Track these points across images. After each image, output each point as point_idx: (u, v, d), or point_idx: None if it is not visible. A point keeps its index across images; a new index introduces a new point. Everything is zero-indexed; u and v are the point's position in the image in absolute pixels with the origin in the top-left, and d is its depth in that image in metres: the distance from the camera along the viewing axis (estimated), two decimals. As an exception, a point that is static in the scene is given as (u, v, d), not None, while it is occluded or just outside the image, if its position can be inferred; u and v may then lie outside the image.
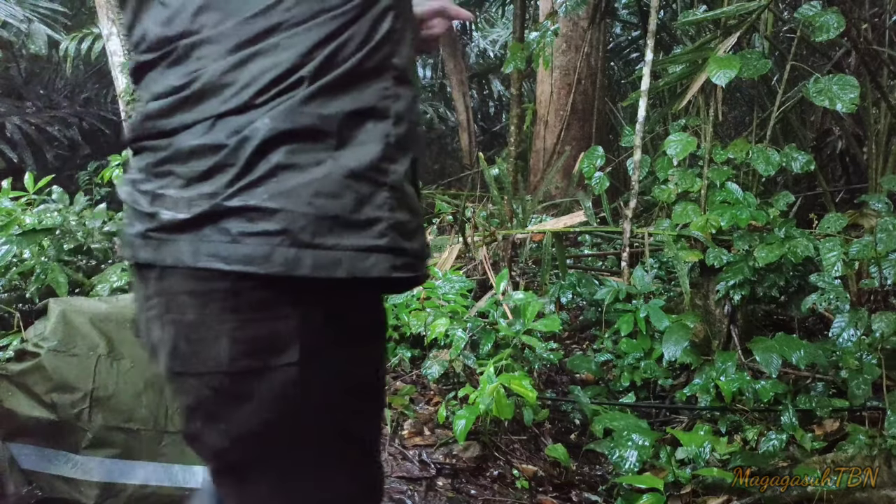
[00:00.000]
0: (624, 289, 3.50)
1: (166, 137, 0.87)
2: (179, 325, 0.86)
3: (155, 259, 0.86)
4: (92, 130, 7.55)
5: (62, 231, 3.65)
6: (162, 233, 0.85)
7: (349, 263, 0.83)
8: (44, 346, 1.97)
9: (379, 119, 0.87)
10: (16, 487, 1.86)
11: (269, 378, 0.85)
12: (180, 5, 0.86)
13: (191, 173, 0.84)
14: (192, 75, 0.85)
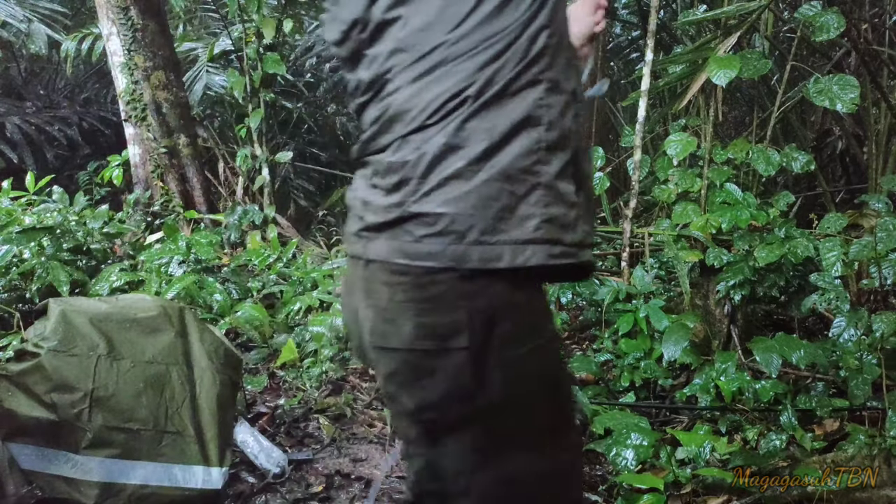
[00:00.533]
0: (624, 289, 3.49)
1: (374, 156, 1.10)
2: (377, 309, 1.06)
3: (362, 253, 1.09)
4: (92, 130, 7.54)
5: (62, 231, 3.65)
6: (368, 232, 1.07)
7: (510, 255, 0.97)
8: (44, 346, 1.97)
9: (533, 127, 1.01)
10: (16, 487, 1.86)
11: (445, 358, 1.00)
12: (377, 52, 1.07)
13: (387, 185, 1.05)
14: (385, 106, 1.06)
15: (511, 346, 1.01)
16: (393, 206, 1.02)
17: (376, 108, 1.08)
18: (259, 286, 3.81)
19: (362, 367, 3.25)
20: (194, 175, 5.11)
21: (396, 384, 1.08)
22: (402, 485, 2.40)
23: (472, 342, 0.99)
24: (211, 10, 8.25)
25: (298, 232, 5.65)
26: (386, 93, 1.06)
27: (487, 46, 0.99)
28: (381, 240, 1.04)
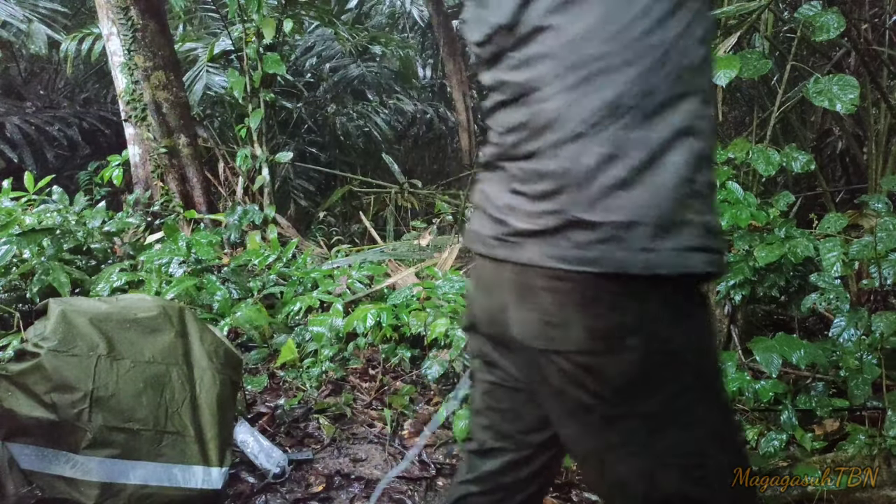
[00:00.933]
0: (624, 289, 3.49)
1: (516, 162, 1.13)
2: (541, 313, 1.09)
3: (509, 257, 1.12)
4: (92, 130, 7.55)
5: (62, 231, 3.65)
6: (515, 237, 1.11)
7: (671, 262, 1.01)
8: (44, 346, 1.97)
9: (691, 137, 1.03)
10: (16, 487, 1.86)
11: (616, 357, 1.05)
12: (524, 56, 1.09)
13: (537, 192, 1.08)
14: (534, 113, 1.08)
15: (675, 342, 1.08)
16: (547, 213, 1.05)
17: (520, 112, 1.11)
18: (259, 286, 3.82)
19: (362, 366, 3.25)
20: (194, 175, 5.11)
21: (565, 382, 1.11)
22: (402, 485, 2.40)
23: (641, 341, 1.05)
24: (211, 10, 8.25)
25: (298, 232, 5.65)
26: (534, 99, 1.08)
27: (648, 57, 1.02)
28: (535, 245, 1.07)
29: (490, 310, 1.22)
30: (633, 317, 1.04)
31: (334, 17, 8.29)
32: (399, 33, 11.64)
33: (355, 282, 3.80)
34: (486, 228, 1.18)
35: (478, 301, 1.27)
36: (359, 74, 8.62)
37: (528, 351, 1.15)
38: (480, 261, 1.24)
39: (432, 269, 3.70)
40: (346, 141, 8.15)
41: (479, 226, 1.22)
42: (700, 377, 1.13)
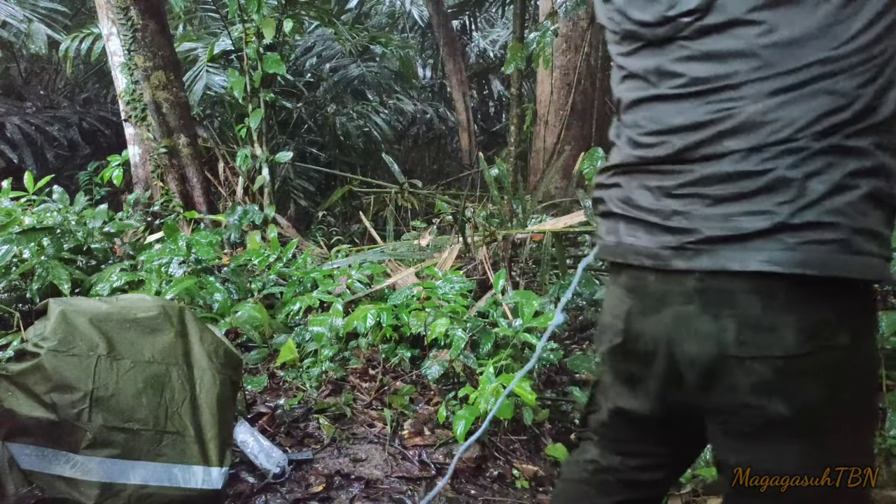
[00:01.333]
0: (624, 289, 3.49)
1: (687, 164, 1.09)
2: (739, 318, 1.06)
3: (692, 266, 1.09)
4: (92, 130, 7.55)
5: (62, 231, 3.65)
6: (701, 244, 1.07)
7: (880, 269, 1.05)
8: (44, 346, 1.97)
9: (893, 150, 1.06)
10: (16, 487, 1.86)
11: (823, 357, 1.05)
12: (711, 49, 1.06)
13: (721, 194, 1.06)
14: (724, 113, 1.05)
15: (864, 343, 1.12)
16: (749, 216, 1.04)
17: (699, 110, 1.07)
18: (259, 286, 3.81)
19: (362, 366, 3.25)
20: (194, 175, 5.11)
21: (767, 393, 1.08)
22: (402, 485, 2.40)
23: (851, 340, 1.07)
24: (211, 10, 8.25)
25: (298, 232, 5.65)
26: (724, 98, 1.05)
27: (868, 66, 1.01)
28: (733, 251, 1.05)
29: (653, 326, 1.16)
30: (837, 317, 1.06)
31: (334, 17, 8.29)
32: (399, 33, 11.65)
33: (355, 282, 3.80)
34: (648, 239, 1.15)
35: (636, 317, 1.19)
36: (359, 74, 8.62)
37: (714, 366, 1.10)
38: (636, 274, 1.19)
39: (432, 269, 3.70)
40: (346, 141, 8.15)
41: (632, 237, 1.18)
42: (875, 378, 1.19)
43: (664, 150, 1.11)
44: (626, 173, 1.20)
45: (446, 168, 10.96)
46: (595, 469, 1.47)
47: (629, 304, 1.21)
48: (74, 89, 8.17)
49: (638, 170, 1.17)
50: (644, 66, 1.14)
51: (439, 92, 11.24)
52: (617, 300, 1.24)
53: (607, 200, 1.25)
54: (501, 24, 12.42)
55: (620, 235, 1.21)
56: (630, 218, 1.19)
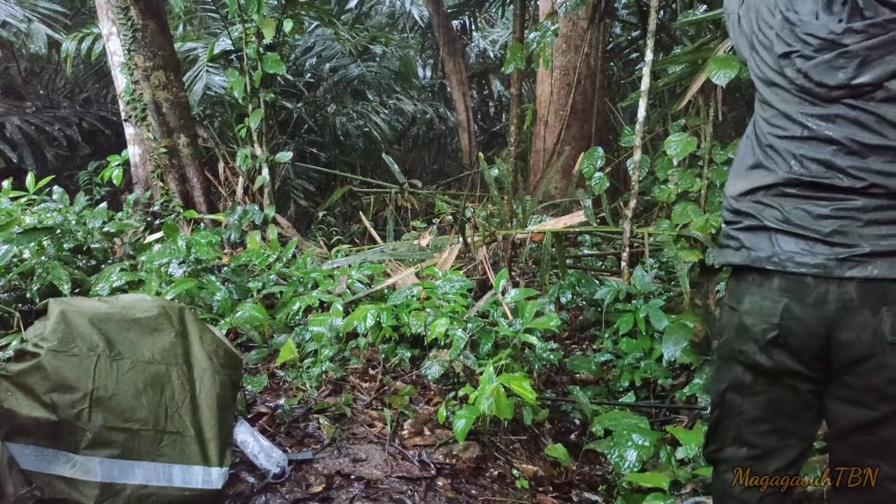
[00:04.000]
0: (624, 289, 3.50)
1: (848, 194, 1.45)
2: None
3: (854, 274, 1.44)
4: (92, 130, 7.55)
5: (62, 231, 3.65)
6: (861, 258, 1.43)
7: None
8: (44, 346, 1.97)
9: None
10: (16, 487, 1.86)
11: None
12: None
13: (873, 219, 1.43)
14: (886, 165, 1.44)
15: None
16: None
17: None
18: (259, 286, 3.81)
19: (362, 366, 3.25)
20: (194, 175, 5.11)
21: None
22: (402, 485, 2.40)
23: None
24: (211, 10, 8.25)
25: (298, 232, 5.65)
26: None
27: None
28: (889, 262, 1.42)
29: (816, 323, 1.48)
30: None
31: (334, 17, 8.29)
32: (399, 33, 11.65)
33: (355, 282, 3.80)
34: (807, 250, 1.48)
35: (798, 318, 1.50)
36: (359, 74, 8.62)
37: (869, 349, 1.45)
38: (794, 279, 1.49)
39: (432, 269, 3.70)
40: (346, 141, 8.14)
41: (790, 248, 1.49)
42: None
43: (828, 180, 1.47)
44: (784, 195, 1.52)
45: (446, 168, 10.96)
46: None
47: (784, 303, 1.51)
48: (74, 89, 8.17)
49: (798, 194, 1.50)
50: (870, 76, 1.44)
51: (439, 92, 11.24)
52: (769, 302, 1.53)
53: (758, 216, 1.55)
54: (501, 24, 12.42)
55: (776, 247, 1.51)
56: (787, 232, 1.50)
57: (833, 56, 1.46)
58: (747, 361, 1.60)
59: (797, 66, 1.50)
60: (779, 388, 1.59)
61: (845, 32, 1.45)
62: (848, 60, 1.44)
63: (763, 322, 1.54)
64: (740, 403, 1.64)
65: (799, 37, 1.51)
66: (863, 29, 1.44)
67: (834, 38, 1.46)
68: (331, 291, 3.60)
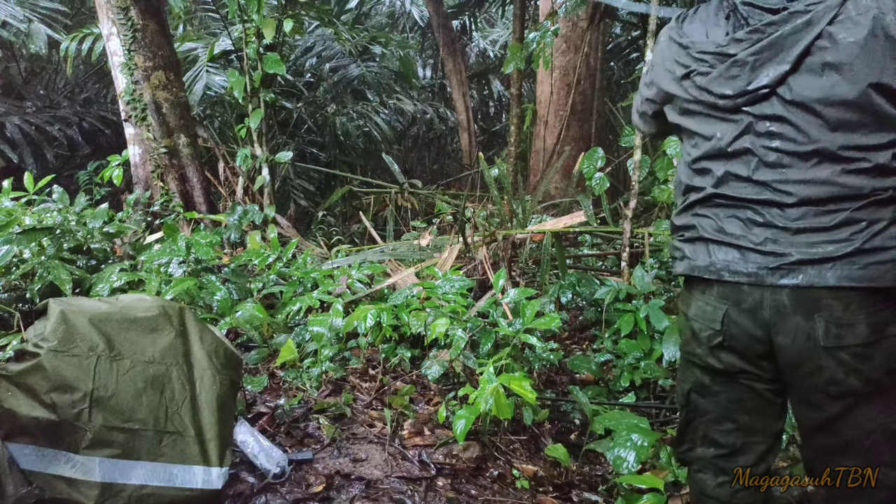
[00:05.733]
0: (624, 289, 3.49)
1: (775, 206, 1.48)
2: (828, 318, 1.44)
3: (784, 283, 1.47)
4: (92, 130, 7.55)
5: (62, 231, 3.65)
6: (791, 266, 1.46)
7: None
8: (44, 346, 1.97)
9: None
10: (16, 487, 1.86)
11: (883, 343, 1.46)
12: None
13: (803, 227, 1.45)
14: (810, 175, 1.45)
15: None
16: (836, 244, 1.43)
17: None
18: (259, 286, 3.81)
19: (362, 366, 3.25)
20: (194, 175, 5.11)
21: (846, 371, 1.46)
22: (401, 485, 2.40)
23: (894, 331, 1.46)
24: (211, 10, 8.26)
25: (298, 232, 5.65)
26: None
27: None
28: (818, 270, 1.44)
29: (754, 327, 1.53)
30: (892, 314, 1.45)
31: (334, 17, 8.29)
32: (399, 33, 11.65)
33: (355, 282, 3.80)
34: (741, 260, 1.52)
35: (737, 323, 1.55)
36: (359, 74, 8.62)
37: (804, 353, 1.48)
38: (730, 286, 1.54)
39: (432, 269, 3.70)
40: (346, 141, 8.15)
41: (725, 258, 1.54)
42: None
43: (754, 195, 1.50)
44: (717, 206, 1.56)
45: (446, 168, 10.96)
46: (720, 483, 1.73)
47: (724, 310, 1.56)
48: (74, 89, 8.17)
49: (729, 204, 1.54)
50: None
51: (439, 92, 11.24)
52: (710, 308, 1.59)
53: (698, 228, 1.60)
54: (501, 24, 12.42)
55: (713, 256, 1.56)
56: (722, 242, 1.55)
57: (726, 67, 1.51)
58: (702, 364, 1.66)
59: (697, 83, 1.56)
60: (736, 387, 1.64)
61: (730, 43, 1.51)
62: (740, 69, 1.49)
63: (708, 327, 1.61)
64: (703, 404, 1.70)
65: (694, 57, 1.57)
66: (745, 37, 1.49)
67: (722, 51, 1.52)
68: (331, 291, 3.60)
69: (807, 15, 1.42)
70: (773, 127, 1.47)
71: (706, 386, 1.68)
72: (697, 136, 1.60)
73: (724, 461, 1.69)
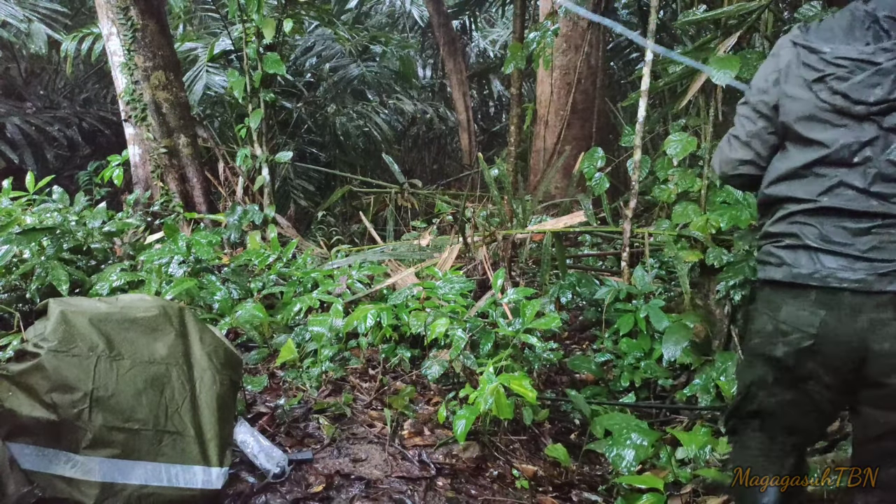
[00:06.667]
0: (624, 289, 3.49)
1: (883, 217, 1.55)
2: None
3: (889, 288, 1.53)
4: (92, 130, 7.55)
5: (62, 231, 3.64)
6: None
7: None
8: (44, 346, 1.97)
9: None
10: (16, 487, 1.86)
11: None
12: None
13: None
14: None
15: None
16: None
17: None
18: (259, 286, 3.81)
19: (362, 366, 3.25)
20: (194, 175, 5.11)
21: None
22: (402, 485, 2.40)
23: None
24: (211, 10, 8.26)
25: (298, 232, 5.65)
26: None
27: None
28: None
29: (850, 334, 1.58)
30: None
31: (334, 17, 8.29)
32: (399, 33, 11.65)
33: (355, 282, 3.79)
34: (846, 266, 1.58)
35: (833, 329, 1.60)
36: (359, 74, 8.62)
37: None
38: (831, 292, 1.60)
39: (432, 269, 3.70)
40: (346, 141, 8.15)
41: (831, 265, 1.60)
42: None
43: (863, 206, 1.56)
44: (822, 215, 1.61)
45: (446, 168, 10.96)
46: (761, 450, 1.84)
47: (822, 315, 1.61)
48: (74, 89, 8.17)
49: (836, 214, 1.59)
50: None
51: (439, 92, 11.24)
52: (806, 313, 1.64)
53: (800, 235, 1.65)
54: (501, 24, 12.42)
55: (817, 264, 1.62)
56: (827, 250, 1.60)
57: (868, 75, 1.55)
58: (776, 364, 1.72)
59: (833, 87, 1.58)
60: (797, 392, 1.72)
61: (877, 52, 1.55)
62: (883, 77, 1.53)
63: (800, 331, 1.65)
64: (763, 397, 1.80)
65: (830, 62, 1.60)
66: (892, 47, 1.54)
67: (867, 58, 1.56)
68: (331, 291, 3.60)
69: None
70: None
71: (769, 384, 1.77)
72: (815, 143, 1.62)
73: (771, 437, 1.83)
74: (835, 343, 1.61)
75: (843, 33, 1.62)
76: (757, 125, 1.77)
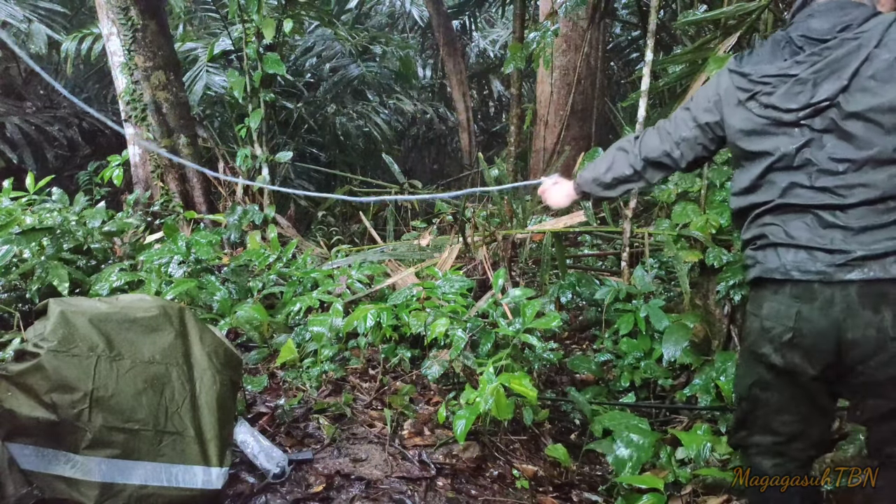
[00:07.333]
0: (624, 289, 3.49)
1: (840, 210, 1.64)
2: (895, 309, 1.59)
3: (852, 277, 1.60)
4: (92, 130, 7.55)
5: (62, 231, 3.65)
6: (857, 261, 1.60)
7: None
8: (44, 346, 1.97)
9: None
10: (16, 488, 1.86)
11: None
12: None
13: (863, 225, 1.61)
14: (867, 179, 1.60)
15: None
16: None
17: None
18: (259, 286, 3.81)
19: (362, 366, 3.25)
20: (194, 175, 5.11)
21: None
22: (402, 485, 2.40)
23: None
24: (211, 10, 8.26)
25: (298, 232, 5.65)
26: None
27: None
28: (883, 264, 1.58)
29: (825, 325, 1.65)
30: None
31: (334, 17, 8.29)
32: (399, 33, 11.65)
33: (355, 282, 3.79)
34: (810, 259, 1.66)
35: (809, 320, 1.67)
36: (359, 74, 8.62)
37: (875, 345, 1.59)
38: (802, 285, 1.67)
39: (432, 269, 3.70)
40: (346, 141, 8.15)
41: (794, 259, 1.68)
42: None
43: (817, 199, 1.66)
44: (784, 214, 1.72)
45: (446, 168, 10.96)
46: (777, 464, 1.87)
47: (797, 308, 1.69)
48: (74, 89, 8.17)
49: (795, 211, 1.70)
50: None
51: (439, 92, 11.24)
52: (784, 307, 1.72)
53: (767, 235, 1.75)
54: (501, 24, 12.42)
55: (782, 259, 1.71)
56: (790, 245, 1.70)
57: (789, 85, 1.72)
58: (767, 362, 1.79)
59: (762, 102, 1.76)
60: (796, 386, 1.77)
61: (792, 65, 1.74)
62: (802, 86, 1.70)
63: (779, 325, 1.73)
64: (765, 397, 1.84)
65: (756, 81, 1.79)
66: (804, 59, 1.72)
67: (785, 72, 1.74)
68: (331, 291, 3.60)
69: (857, 40, 1.65)
70: (830, 137, 1.65)
71: (769, 382, 1.82)
72: (761, 154, 1.76)
73: (781, 447, 1.84)
74: (812, 334, 1.68)
75: (767, 56, 1.81)
76: (691, 133, 1.97)
